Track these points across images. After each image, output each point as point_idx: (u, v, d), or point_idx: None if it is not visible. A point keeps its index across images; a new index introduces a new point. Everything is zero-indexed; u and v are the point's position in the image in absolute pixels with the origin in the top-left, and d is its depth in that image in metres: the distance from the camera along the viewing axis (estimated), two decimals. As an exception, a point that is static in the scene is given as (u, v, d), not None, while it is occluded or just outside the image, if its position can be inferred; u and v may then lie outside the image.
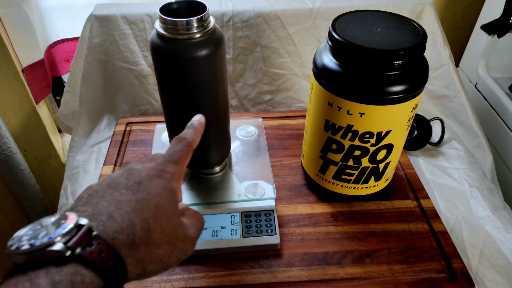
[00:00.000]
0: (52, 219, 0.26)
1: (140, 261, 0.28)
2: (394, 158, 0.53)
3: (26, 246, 0.24)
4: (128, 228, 0.27)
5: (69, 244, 0.24)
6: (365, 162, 0.52)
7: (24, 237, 0.25)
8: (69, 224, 0.25)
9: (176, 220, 0.32)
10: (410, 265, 0.50)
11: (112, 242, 0.26)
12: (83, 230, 0.25)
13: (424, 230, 0.55)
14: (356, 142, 0.50)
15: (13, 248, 0.24)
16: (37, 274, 0.23)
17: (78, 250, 0.24)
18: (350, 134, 0.49)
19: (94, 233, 0.26)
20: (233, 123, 0.63)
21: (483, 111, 0.86)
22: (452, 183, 0.69)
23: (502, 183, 0.76)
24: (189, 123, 0.39)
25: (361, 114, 0.47)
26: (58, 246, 0.24)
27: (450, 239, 0.53)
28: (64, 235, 0.25)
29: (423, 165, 0.72)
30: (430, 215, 0.57)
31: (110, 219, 0.27)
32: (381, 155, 0.51)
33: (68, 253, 0.24)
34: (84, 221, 0.26)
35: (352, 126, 0.48)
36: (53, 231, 0.25)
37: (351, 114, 0.47)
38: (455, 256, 0.51)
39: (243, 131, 0.66)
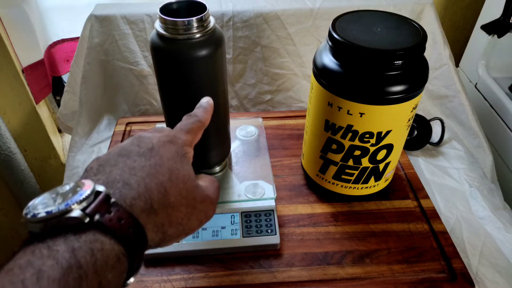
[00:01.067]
0: (67, 187, 0.25)
1: (160, 226, 0.28)
2: (394, 158, 0.53)
3: (42, 214, 0.23)
4: (145, 193, 0.27)
5: (87, 210, 0.24)
6: (365, 162, 0.52)
7: (39, 205, 0.24)
8: (86, 191, 0.24)
9: (192, 182, 0.31)
10: (410, 265, 0.50)
11: (130, 209, 0.26)
12: (101, 196, 0.25)
13: (424, 230, 0.55)
14: (356, 142, 0.50)
15: (29, 216, 0.23)
16: (55, 241, 0.22)
17: (96, 217, 0.24)
18: (350, 134, 0.49)
19: (112, 200, 0.25)
20: (233, 123, 0.63)
21: (483, 111, 0.86)
22: (452, 183, 0.69)
23: (502, 183, 0.76)
24: (198, 104, 0.38)
25: (361, 114, 0.47)
26: (76, 213, 0.23)
27: (450, 239, 0.53)
28: (81, 202, 0.24)
29: (423, 165, 0.72)
30: (430, 215, 0.57)
31: (126, 185, 0.27)
32: (381, 155, 0.51)
33: (87, 219, 0.23)
34: (101, 188, 0.25)
35: (352, 126, 0.48)
36: (70, 198, 0.24)
37: (351, 114, 0.47)
38: (455, 256, 0.51)
39: (243, 131, 0.66)
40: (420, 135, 0.74)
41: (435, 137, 0.76)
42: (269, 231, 0.52)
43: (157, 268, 0.50)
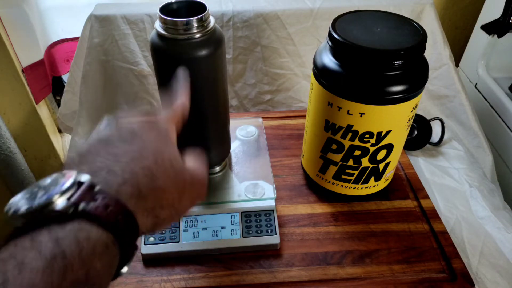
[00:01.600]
0: (49, 179, 0.24)
1: (150, 210, 0.27)
2: (394, 158, 0.53)
3: (24, 208, 0.22)
4: (131, 179, 0.26)
5: (71, 200, 0.23)
6: (365, 162, 0.52)
7: (21, 200, 0.23)
8: (68, 180, 0.23)
9: (178, 163, 0.30)
10: (410, 265, 0.50)
11: (117, 195, 0.25)
12: (84, 185, 0.24)
13: (424, 230, 0.55)
14: (356, 142, 0.50)
15: (10, 212, 0.22)
16: (38, 232, 0.22)
17: (81, 206, 0.23)
18: (350, 134, 0.49)
19: (97, 187, 0.24)
20: (233, 123, 0.63)
21: (483, 111, 0.86)
22: (452, 183, 0.69)
23: (502, 183, 0.76)
24: (177, 82, 0.38)
25: (361, 114, 0.47)
26: (59, 204, 0.22)
27: (450, 239, 0.53)
28: (63, 192, 0.23)
29: (423, 165, 0.72)
30: (430, 215, 0.57)
31: (111, 172, 0.25)
32: (381, 155, 0.51)
33: (71, 210, 0.22)
34: (85, 177, 0.24)
35: (352, 126, 0.48)
36: (51, 190, 0.23)
37: (351, 114, 0.47)
38: (455, 256, 0.51)
39: (243, 131, 0.66)
40: (420, 135, 0.75)
41: (435, 137, 0.76)
42: (269, 231, 0.52)
43: (157, 268, 0.50)
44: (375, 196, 0.58)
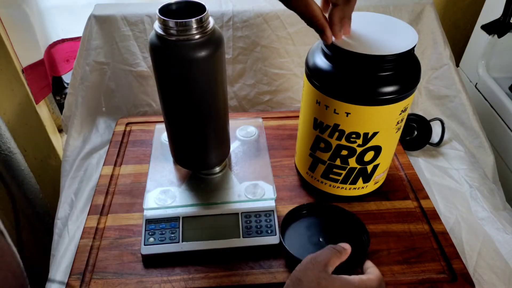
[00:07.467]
0: None
1: None
2: (384, 160, 0.53)
3: None
4: None
5: None
6: (352, 162, 0.51)
7: None
8: None
9: None
10: (410, 265, 0.50)
11: None
12: None
13: (424, 230, 0.55)
14: (343, 142, 0.49)
15: None
16: None
17: None
18: (337, 133, 0.49)
19: None
20: (233, 123, 0.63)
21: (483, 111, 0.86)
22: (452, 184, 0.69)
23: (503, 183, 0.76)
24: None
25: (347, 113, 0.46)
26: None
27: (450, 239, 0.53)
28: None
29: (423, 166, 0.72)
30: (430, 216, 0.57)
31: None
32: (368, 156, 0.51)
33: None
34: None
35: (338, 125, 0.48)
36: None
37: (338, 113, 0.47)
38: (455, 257, 0.51)
39: (243, 132, 0.66)
40: (420, 135, 0.74)
41: (435, 137, 0.76)
42: (269, 231, 0.52)
43: (157, 269, 0.50)
44: (364, 197, 0.58)
